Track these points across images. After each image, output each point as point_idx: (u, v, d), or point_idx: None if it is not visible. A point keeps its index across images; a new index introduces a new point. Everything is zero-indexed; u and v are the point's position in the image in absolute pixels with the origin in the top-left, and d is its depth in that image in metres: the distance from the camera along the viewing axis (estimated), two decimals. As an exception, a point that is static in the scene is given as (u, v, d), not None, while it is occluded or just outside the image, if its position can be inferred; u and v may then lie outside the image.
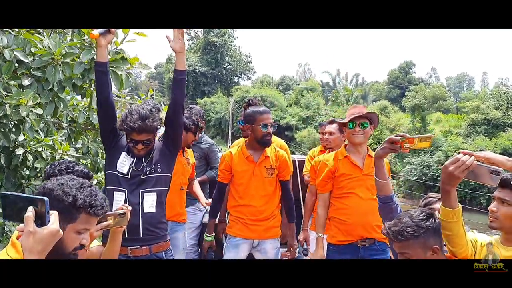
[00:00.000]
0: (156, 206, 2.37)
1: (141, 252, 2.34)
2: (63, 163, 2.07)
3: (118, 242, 1.91)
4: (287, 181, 3.00)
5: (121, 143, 2.41)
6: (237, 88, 39.16)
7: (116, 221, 1.80)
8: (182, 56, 2.39)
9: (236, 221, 2.96)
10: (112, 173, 2.37)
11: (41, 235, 1.17)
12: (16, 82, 2.27)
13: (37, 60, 2.29)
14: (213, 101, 38.27)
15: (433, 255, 1.66)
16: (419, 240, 1.64)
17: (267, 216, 2.94)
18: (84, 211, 1.35)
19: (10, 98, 2.03)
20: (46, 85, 2.39)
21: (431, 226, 1.67)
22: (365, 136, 2.75)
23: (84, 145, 3.18)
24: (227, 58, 45.67)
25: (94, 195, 1.38)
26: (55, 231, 1.19)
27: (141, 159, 2.38)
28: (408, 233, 1.64)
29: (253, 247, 2.97)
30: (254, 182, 2.91)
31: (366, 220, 2.67)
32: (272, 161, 2.94)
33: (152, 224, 2.36)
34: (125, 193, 2.33)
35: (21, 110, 2.03)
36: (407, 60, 46.59)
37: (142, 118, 2.24)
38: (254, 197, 2.91)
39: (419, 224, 1.65)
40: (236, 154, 2.99)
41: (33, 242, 1.16)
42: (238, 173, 2.94)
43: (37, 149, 2.72)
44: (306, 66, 61.50)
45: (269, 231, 2.96)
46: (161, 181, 2.41)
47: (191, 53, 44.18)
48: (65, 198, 1.32)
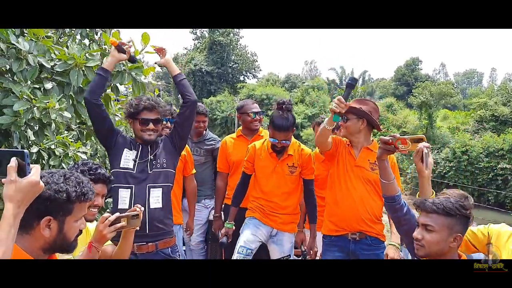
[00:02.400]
0: (162, 201, 2.38)
1: (147, 249, 2.36)
2: (86, 164, 2.12)
3: (130, 241, 1.95)
4: (311, 180, 3.01)
5: (121, 141, 2.45)
6: (242, 86, 39.15)
7: (129, 223, 1.83)
8: (170, 65, 2.53)
9: (256, 209, 3.01)
10: (117, 171, 2.40)
11: (21, 185, 1.21)
12: (40, 86, 2.35)
13: (60, 65, 2.38)
14: (219, 100, 38.29)
15: (453, 243, 1.64)
16: (451, 220, 1.63)
17: (287, 212, 2.97)
18: (78, 201, 1.39)
19: (38, 102, 2.11)
20: (67, 89, 2.48)
21: (468, 214, 1.66)
22: (348, 130, 2.76)
23: (92, 146, 3.26)
24: (233, 57, 45.64)
25: (81, 182, 1.41)
26: (34, 182, 1.23)
27: (146, 152, 2.41)
28: (446, 208, 1.63)
29: (271, 235, 2.99)
30: (275, 179, 2.93)
31: (357, 212, 2.68)
32: (295, 160, 2.95)
33: (158, 219, 2.37)
34: (131, 189, 2.34)
35: (50, 113, 2.11)
36: (414, 57, 46.30)
37: (150, 98, 2.42)
38: (274, 193, 2.94)
39: (459, 207, 1.64)
40: (260, 148, 3.01)
41: (14, 191, 1.20)
42: (260, 168, 2.98)
43: (50, 147, 2.79)
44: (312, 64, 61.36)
45: (287, 225, 2.99)
46: (167, 177, 2.44)
47: (197, 52, 44.23)
48: (59, 196, 1.34)
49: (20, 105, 2.08)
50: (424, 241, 1.65)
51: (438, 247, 1.64)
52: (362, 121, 2.74)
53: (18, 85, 2.17)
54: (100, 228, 1.78)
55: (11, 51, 2.21)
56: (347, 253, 2.74)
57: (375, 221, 2.73)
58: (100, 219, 1.81)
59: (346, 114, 2.70)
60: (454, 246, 1.66)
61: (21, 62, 2.21)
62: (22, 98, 2.11)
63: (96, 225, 1.82)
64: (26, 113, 2.09)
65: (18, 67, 2.20)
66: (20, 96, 2.11)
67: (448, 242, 1.64)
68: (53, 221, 1.34)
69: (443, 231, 1.63)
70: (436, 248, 1.64)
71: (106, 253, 2.00)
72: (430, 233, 1.64)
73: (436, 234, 1.63)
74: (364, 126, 2.76)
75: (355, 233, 2.69)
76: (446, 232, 1.63)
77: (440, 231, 1.63)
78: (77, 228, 1.42)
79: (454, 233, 1.64)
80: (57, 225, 1.35)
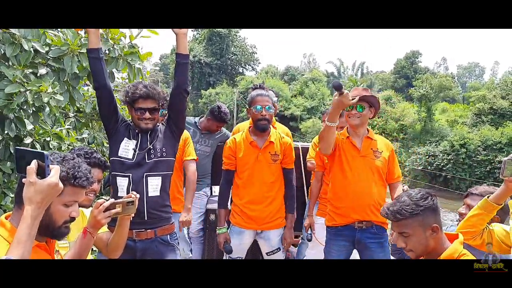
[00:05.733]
0: (160, 190, 2.37)
1: (146, 235, 2.35)
2: (82, 149, 2.14)
3: (126, 228, 1.92)
4: (290, 169, 2.97)
5: (122, 129, 2.41)
6: (241, 78, 39.05)
7: (124, 209, 1.81)
8: (184, 38, 2.32)
9: (239, 212, 2.92)
10: (115, 159, 2.37)
11: (40, 187, 1.22)
12: (34, 71, 2.34)
13: (54, 50, 2.37)
14: (218, 92, 38.24)
15: (433, 234, 1.68)
16: (418, 218, 1.66)
17: (270, 203, 2.90)
18: (68, 183, 1.36)
19: (31, 85, 2.10)
20: (62, 75, 2.47)
21: (430, 204, 1.68)
22: (362, 119, 2.71)
23: (90, 135, 3.25)
24: (232, 48, 45.46)
25: (77, 166, 1.40)
26: (53, 183, 1.24)
27: (146, 141, 2.38)
28: (406, 212, 1.66)
29: (257, 233, 2.96)
30: (258, 168, 2.87)
31: (364, 200, 2.67)
32: (276, 147, 2.90)
33: (156, 207, 2.36)
34: (129, 178, 2.32)
35: (42, 96, 2.10)
36: (414, 50, 46.18)
37: (147, 86, 2.34)
38: (257, 184, 2.87)
39: (418, 203, 1.67)
40: (240, 140, 2.95)
41: (33, 193, 1.22)
42: (242, 159, 2.90)
43: (45, 139, 2.78)
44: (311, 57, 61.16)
45: (272, 223, 2.92)
46: (166, 165, 2.41)
47: (196, 43, 44.02)
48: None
49: (12, 88, 2.07)
50: (409, 247, 1.71)
51: (422, 245, 1.69)
52: (372, 110, 2.75)
53: (12, 70, 2.16)
54: (94, 213, 1.75)
55: (5, 35, 2.20)
56: (352, 242, 2.73)
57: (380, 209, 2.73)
58: (95, 205, 1.79)
59: (361, 103, 2.67)
60: (436, 236, 1.69)
61: (15, 46, 2.20)
62: (15, 81, 2.09)
63: (91, 211, 1.80)
64: (19, 97, 2.08)
65: (12, 52, 2.18)
66: (13, 79, 2.10)
67: (428, 236, 1.68)
68: None
69: (418, 230, 1.68)
70: (421, 247, 1.69)
71: (102, 240, 2.00)
72: (408, 238, 1.69)
73: (413, 236, 1.68)
74: (372, 114, 2.76)
75: (362, 221, 2.68)
76: (420, 230, 1.68)
77: (414, 233, 1.68)
78: (65, 212, 1.38)
79: (428, 226, 1.68)
80: None
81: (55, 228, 1.38)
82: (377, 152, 2.74)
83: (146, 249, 2.36)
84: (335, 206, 2.78)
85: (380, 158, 2.75)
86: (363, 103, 2.69)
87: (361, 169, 2.71)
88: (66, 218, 1.39)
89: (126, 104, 2.42)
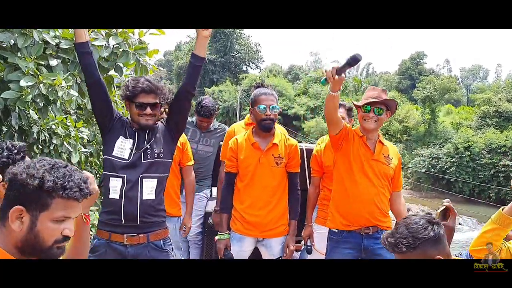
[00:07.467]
0: (155, 192, 2.26)
1: (138, 240, 2.22)
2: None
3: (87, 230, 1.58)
4: (295, 174, 2.80)
5: (118, 127, 2.28)
6: (245, 76, 39.05)
7: None
8: (204, 41, 2.27)
9: (239, 217, 2.77)
10: (109, 158, 2.24)
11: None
12: (44, 62, 2.31)
13: (65, 42, 2.34)
14: (221, 90, 38.23)
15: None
16: (417, 251, 1.52)
17: (272, 208, 2.73)
18: (57, 196, 1.15)
19: (45, 78, 2.06)
20: (72, 67, 2.45)
21: (431, 236, 1.52)
22: (378, 123, 2.58)
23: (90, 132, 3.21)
24: (237, 46, 45.48)
25: (68, 175, 1.18)
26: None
27: (143, 140, 2.27)
28: (403, 245, 1.52)
29: (258, 240, 2.80)
30: (260, 171, 2.70)
31: (372, 206, 2.56)
32: (281, 150, 2.73)
33: (150, 211, 2.25)
34: (123, 179, 2.20)
35: (58, 90, 2.07)
36: (419, 51, 46.09)
37: (149, 80, 2.25)
38: (259, 188, 2.71)
39: (416, 235, 1.52)
40: (242, 141, 2.79)
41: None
42: (243, 161, 2.73)
43: (51, 127, 2.74)
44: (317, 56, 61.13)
45: (273, 230, 2.76)
46: (162, 167, 2.30)
47: (200, 40, 44.10)
48: (30, 182, 1.13)
49: (27, 81, 2.03)
50: None
51: None
52: (388, 113, 2.64)
53: (24, 61, 2.13)
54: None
55: (16, 26, 2.17)
56: (359, 250, 2.59)
57: (386, 214, 2.66)
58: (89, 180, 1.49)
59: (380, 106, 2.56)
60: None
61: (26, 37, 2.17)
62: (28, 73, 2.06)
63: None
64: (32, 89, 2.05)
65: (23, 42, 2.15)
66: (26, 71, 2.07)
67: None
68: (25, 213, 1.14)
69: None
70: None
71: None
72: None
73: None
74: (387, 118, 2.66)
75: (369, 227, 2.56)
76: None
77: None
78: (55, 230, 1.17)
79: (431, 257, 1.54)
80: (29, 220, 1.14)
81: (43, 249, 1.17)
82: (388, 158, 2.64)
83: (138, 254, 2.23)
84: (341, 210, 2.64)
85: (391, 165, 2.65)
86: (382, 106, 2.57)
87: (372, 173, 2.58)
88: (57, 237, 1.17)
89: (125, 99, 2.29)
